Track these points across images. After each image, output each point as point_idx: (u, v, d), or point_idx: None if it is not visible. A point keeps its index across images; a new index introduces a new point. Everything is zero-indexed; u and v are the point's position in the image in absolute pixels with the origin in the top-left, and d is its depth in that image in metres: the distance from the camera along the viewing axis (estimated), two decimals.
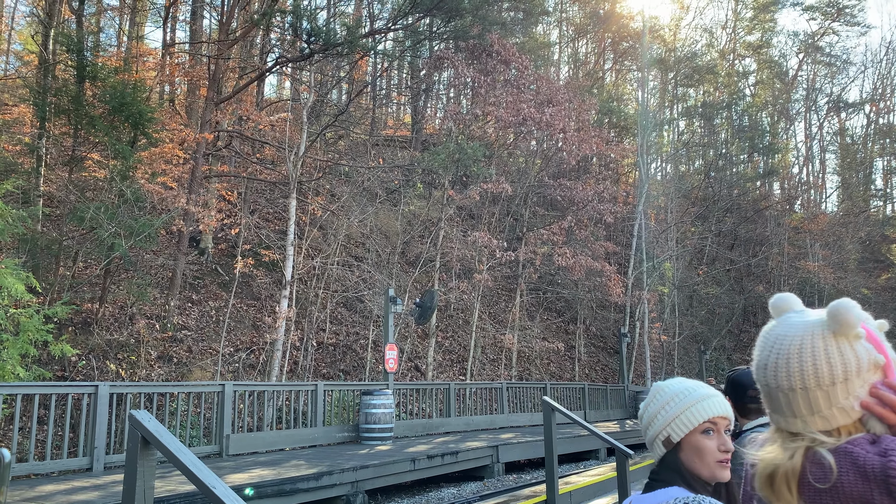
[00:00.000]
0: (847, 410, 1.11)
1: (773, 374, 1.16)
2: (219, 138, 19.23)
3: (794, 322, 1.18)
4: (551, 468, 7.71)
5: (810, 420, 1.12)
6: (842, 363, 1.11)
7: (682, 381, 1.63)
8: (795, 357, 1.13)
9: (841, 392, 1.11)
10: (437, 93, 35.04)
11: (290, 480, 8.38)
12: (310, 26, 17.10)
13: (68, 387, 9.85)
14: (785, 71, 49.65)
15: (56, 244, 13.51)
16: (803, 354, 1.13)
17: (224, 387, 11.18)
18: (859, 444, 1.07)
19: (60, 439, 9.67)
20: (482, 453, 12.49)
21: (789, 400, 1.14)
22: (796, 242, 39.13)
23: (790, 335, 1.16)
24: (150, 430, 2.80)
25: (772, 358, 1.17)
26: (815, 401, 1.11)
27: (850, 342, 1.12)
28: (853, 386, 1.11)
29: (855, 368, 1.11)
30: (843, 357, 1.11)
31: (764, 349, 1.20)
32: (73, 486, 7.84)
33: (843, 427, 1.11)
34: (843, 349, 1.11)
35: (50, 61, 15.06)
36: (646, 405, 1.64)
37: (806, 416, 1.12)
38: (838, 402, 1.11)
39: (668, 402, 1.58)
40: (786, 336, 1.16)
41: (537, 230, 23.49)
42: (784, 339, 1.16)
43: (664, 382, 1.65)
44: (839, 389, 1.11)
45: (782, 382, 1.14)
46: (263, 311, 17.82)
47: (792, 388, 1.13)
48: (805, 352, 1.13)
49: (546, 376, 24.44)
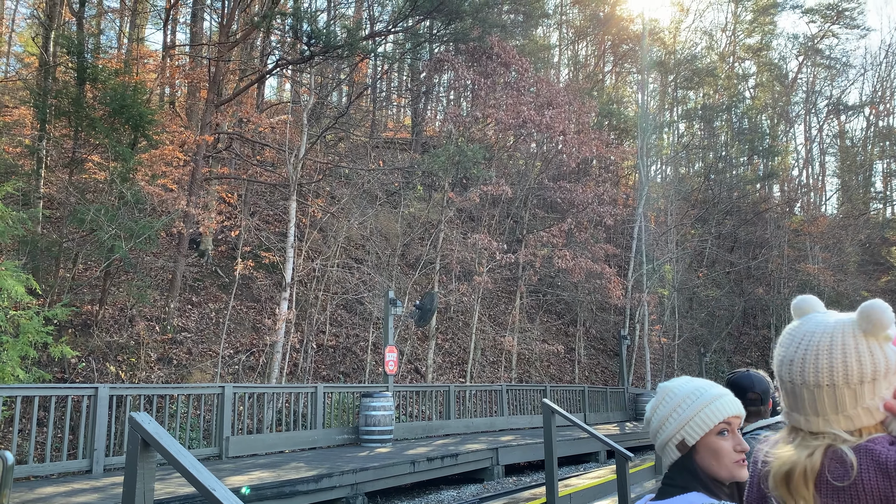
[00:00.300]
0: (872, 411, 1.11)
1: (799, 369, 1.15)
2: (219, 140, 19.25)
3: (822, 320, 1.17)
4: (551, 471, 7.71)
5: (833, 419, 1.12)
6: (871, 362, 1.10)
7: (690, 381, 1.58)
8: (825, 353, 1.13)
9: (868, 392, 1.10)
10: (437, 95, 35.08)
11: (290, 483, 8.38)
12: (310, 29, 17.13)
13: (68, 389, 9.84)
14: (785, 73, 49.70)
15: (56, 246, 13.52)
16: (833, 351, 1.12)
17: (224, 389, 11.18)
18: (880, 442, 1.07)
19: (60, 441, 9.67)
20: (482, 456, 12.49)
21: (814, 397, 1.13)
22: (796, 245, 39.13)
23: (820, 332, 1.15)
24: (150, 433, 2.80)
25: (799, 353, 1.16)
26: (842, 399, 1.11)
27: (879, 343, 1.11)
28: (880, 387, 1.11)
29: (884, 369, 1.11)
30: (874, 356, 1.11)
31: (790, 345, 1.19)
32: (73, 489, 7.83)
33: (866, 428, 1.11)
34: (874, 349, 1.11)
35: (50, 63, 15.08)
36: (654, 407, 1.58)
37: (829, 415, 1.12)
38: (864, 401, 1.10)
39: (679, 403, 1.53)
40: (815, 332, 1.16)
41: (537, 232, 23.49)
42: (814, 336, 1.16)
43: (672, 383, 1.60)
44: (867, 389, 1.10)
45: (809, 378, 1.13)
46: (263, 313, 17.82)
47: (819, 384, 1.12)
48: (836, 348, 1.12)
49: (546, 378, 24.43)
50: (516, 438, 14.82)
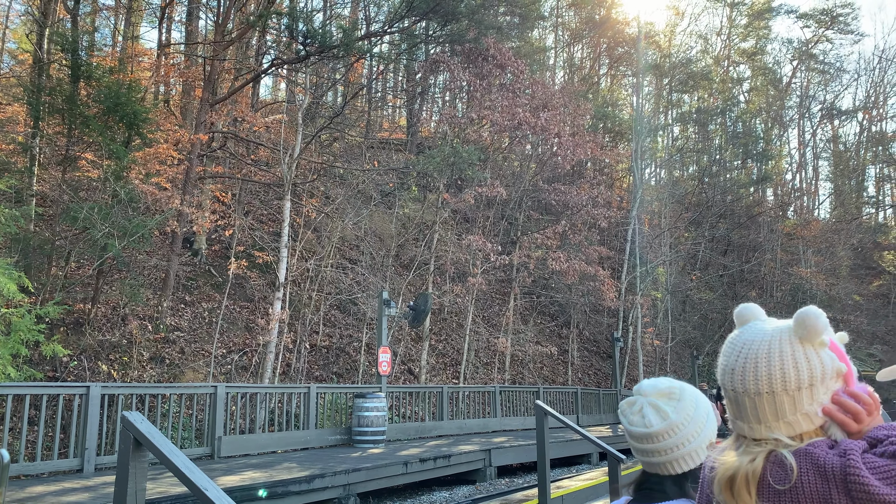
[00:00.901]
0: (811, 416, 1.13)
1: (740, 378, 1.17)
2: (213, 139, 19.20)
3: (761, 328, 1.20)
4: (543, 472, 7.72)
5: (775, 426, 1.14)
6: (808, 368, 1.13)
7: (695, 392, 1.59)
8: (764, 361, 1.15)
9: (806, 397, 1.13)
10: (432, 96, 35.09)
11: (282, 483, 8.36)
12: (306, 28, 17.12)
13: (59, 387, 9.80)
14: (779, 78, 49.91)
15: (49, 244, 13.46)
16: (771, 358, 1.15)
17: (216, 388, 11.14)
18: (819, 446, 1.09)
19: (51, 440, 9.63)
20: (474, 457, 12.49)
21: (755, 405, 1.16)
22: (789, 248, 39.32)
23: (758, 340, 1.18)
24: (143, 432, 2.79)
25: (739, 362, 1.18)
26: (781, 405, 1.13)
27: (815, 349, 1.14)
28: (817, 392, 1.13)
29: (820, 375, 1.13)
30: (810, 363, 1.13)
31: (731, 354, 1.21)
32: (64, 488, 7.80)
33: (806, 433, 1.13)
34: (810, 355, 1.14)
35: (44, 60, 15.02)
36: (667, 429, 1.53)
37: (771, 422, 1.14)
38: (803, 407, 1.13)
39: (699, 408, 1.55)
40: (753, 341, 1.18)
41: (531, 234, 23.53)
42: (752, 344, 1.18)
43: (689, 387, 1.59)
44: (804, 395, 1.13)
45: (749, 387, 1.16)
46: (256, 312, 17.78)
47: (759, 392, 1.15)
48: (773, 356, 1.15)
49: (539, 380, 24.46)
50: (509, 440, 14.83)
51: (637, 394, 1.60)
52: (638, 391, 1.60)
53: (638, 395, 1.60)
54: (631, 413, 1.58)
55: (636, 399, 1.59)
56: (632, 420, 1.56)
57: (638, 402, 1.58)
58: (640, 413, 1.56)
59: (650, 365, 29.98)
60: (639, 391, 1.60)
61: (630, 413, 1.58)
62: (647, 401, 1.56)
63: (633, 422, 1.56)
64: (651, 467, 1.57)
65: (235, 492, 7.63)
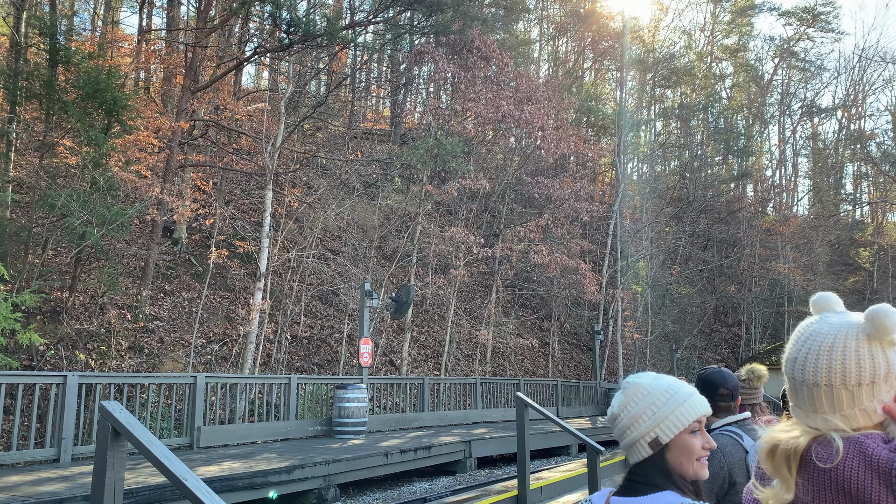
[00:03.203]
0: (869, 413, 1.12)
1: (801, 368, 1.18)
2: (195, 127, 18.99)
3: (831, 321, 1.20)
4: (523, 464, 7.77)
5: (831, 417, 1.14)
6: (871, 366, 1.12)
7: (659, 378, 1.58)
8: (825, 354, 1.15)
9: (866, 394, 1.12)
10: (416, 87, 34.96)
11: (262, 473, 8.34)
12: (289, 16, 16.96)
13: (36, 376, 9.68)
14: (761, 75, 50.37)
15: (25, 231, 13.26)
16: (833, 353, 1.14)
17: (196, 378, 11.07)
18: (872, 437, 1.09)
19: (27, 429, 9.51)
20: (455, 448, 12.54)
21: (813, 395, 1.15)
22: (768, 244, 39.78)
23: (824, 332, 1.18)
24: (122, 422, 2.77)
25: (802, 352, 1.18)
26: (839, 399, 1.13)
27: (883, 347, 1.13)
28: (879, 390, 1.13)
29: (884, 373, 1.12)
30: (874, 361, 1.13)
31: (797, 343, 1.21)
32: (40, 477, 7.72)
33: (863, 428, 1.13)
34: (875, 353, 1.13)
35: (22, 44, 14.74)
36: (623, 404, 1.56)
37: (828, 413, 1.14)
38: (862, 403, 1.12)
39: (654, 401, 1.52)
40: (820, 332, 1.18)
41: (514, 227, 23.58)
42: (818, 336, 1.18)
43: (642, 379, 1.58)
44: (864, 391, 1.12)
45: (808, 377, 1.16)
46: (237, 302, 17.67)
47: (817, 383, 1.15)
48: (836, 350, 1.14)
49: (520, 373, 24.58)
50: (489, 431, 14.90)
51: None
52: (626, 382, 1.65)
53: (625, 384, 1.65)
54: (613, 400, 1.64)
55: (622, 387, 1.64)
56: (611, 405, 1.62)
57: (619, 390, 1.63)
58: (616, 399, 1.61)
59: (630, 358, 30.24)
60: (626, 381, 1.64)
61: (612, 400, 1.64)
62: (624, 389, 1.60)
63: (611, 406, 1.62)
64: (625, 454, 1.60)
65: (215, 482, 7.59)
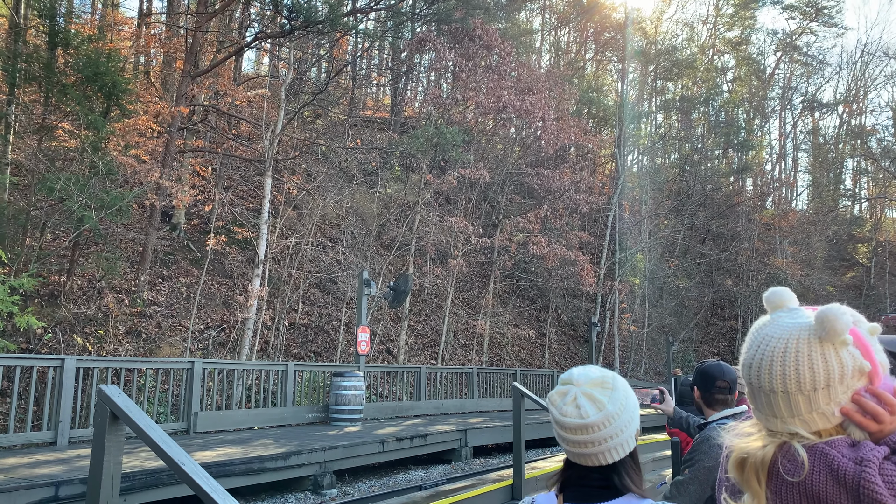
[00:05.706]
0: (827, 416, 1.11)
1: (756, 373, 1.16)
2: (194, 112, 18.92)
3: (782, 323, 1.17)
4: (519, 453, 7.80)
5: (790, 421, 1.13)
6: (825, 370, 1.10)
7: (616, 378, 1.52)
8: (779, 360, 1.13)
9: (822, 398, 1.11)
10: (417, 75, 34.80)
11: (258, 459, 8.37)
12: (291, 2, 16.86)
13: (34, 359, 9.68)
14: (762, 68, 50.17)
15: (23, 214, 13.23)
16: (787, 358, 1.12)
17: (193, 364, 11.09)
18: (837, 446, 1.08)
19: (24, 412, 9.53)
20: (451, 437, 12.58)
21: (770, 401, 1.14)
22: (766, 238, 39.79)
23: (776, 336, 1.15)
24: (120, 405, 2.77)
25: (756, 358, 1.17)
26: (796, 404, 1.12)
27: (835, 349, 1.11)
28: (835, 392, 1.11)
29: (838, 375, 1.10)
30: (827, 364, 1.11)
31: (751, 348, 1.19)
32: (37, 460, 7.74)
33: (824, 430, 1.12)
34: (828, 356, 1.11)
35: (21, 26, 14.65)
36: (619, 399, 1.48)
37: (786, 418, 1.13)
38: (819, 406, 1.11)
39: (629, 398, 1.49)
40: (772, 337, 1.16)
41: (513, 218, 23.56)
42: (770, 341, 1.16)
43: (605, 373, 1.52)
44: (820, 395, 1.11)
45: (764, 383, 1.14)
46: (235, 289, 17.67)
47: (773, 390, 1.13)
48: (789, 356, 1.12)
49: (516, 363, 24.65)
50: (485, 421, 14.95)
51: (568, 383, 1.52)
52: (569, 380, 1.52)
53: (570, 384, 1.51)
54: (563, 404, 1.49)
55: (568, 389, 1.51)
56: (565, 411, 1.48)
57: (571, 393, 1.49)
58: (575, 404, 1.47)
59: (626, 350, 30.32)
60: (570, 380, 1.52)
61: (563, 404, 1.49)
62: (581, 390, 1.48)
63: (568, 413, 1.48)
64: (581, 458, 1.50)
65: (211, 467, 7.62)
